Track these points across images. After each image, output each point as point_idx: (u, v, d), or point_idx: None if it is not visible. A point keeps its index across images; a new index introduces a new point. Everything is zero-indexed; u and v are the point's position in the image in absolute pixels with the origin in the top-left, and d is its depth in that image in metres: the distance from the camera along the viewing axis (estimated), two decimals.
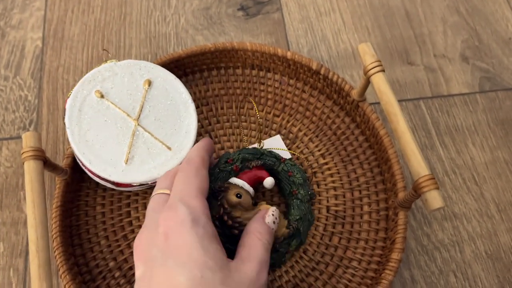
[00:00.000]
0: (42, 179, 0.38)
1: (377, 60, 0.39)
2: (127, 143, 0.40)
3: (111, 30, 0.58)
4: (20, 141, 0.51)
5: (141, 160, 0.40)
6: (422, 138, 0.52)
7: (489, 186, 0.49)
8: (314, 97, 0.51)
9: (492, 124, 0.53)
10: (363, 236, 0.45)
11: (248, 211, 0.40)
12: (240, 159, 0.43)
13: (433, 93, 0.54)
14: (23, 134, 0.39)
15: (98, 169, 0.40)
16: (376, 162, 0.47)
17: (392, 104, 0.37)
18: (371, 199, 0.46)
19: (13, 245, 0.46)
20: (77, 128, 0.40)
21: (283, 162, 0.44)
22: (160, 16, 0.59)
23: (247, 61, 0.51)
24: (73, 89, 0.41)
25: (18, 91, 0.54)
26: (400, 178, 0.43)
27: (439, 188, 0.34)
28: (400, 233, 0.41)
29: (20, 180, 0.49)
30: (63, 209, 0.43)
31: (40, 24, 0.59)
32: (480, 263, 0.46)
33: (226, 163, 0.43)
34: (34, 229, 0.35)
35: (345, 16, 0.59)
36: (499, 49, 0.57)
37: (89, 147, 0.40)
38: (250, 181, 0.42)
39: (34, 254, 0.34)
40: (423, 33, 0.58)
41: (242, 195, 0.40)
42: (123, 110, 0.41)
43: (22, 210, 0.48)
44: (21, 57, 0.56)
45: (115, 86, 0.41)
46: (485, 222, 0.48)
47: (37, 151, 0.38)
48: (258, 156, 0.44)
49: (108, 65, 0.42)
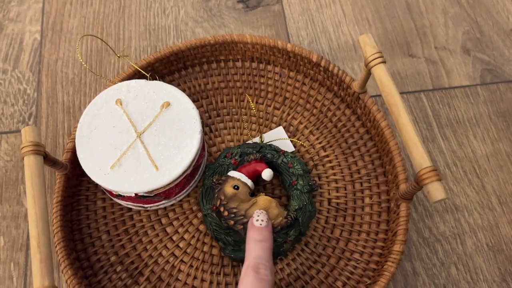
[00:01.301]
0: (42, 174, 0.38)
1: (378, 52, 0.39)
2: (122, 151, 0.41)
3: (110, 23, 0.58)
4: (20, 135, 0.51)
5: (125, 170, 0.40)
6: (423, 131, 0.51)
7: (490, 178, 0.49)
8: (315, 90, 0.51)
9: (493, 116, 0.52)
10: (365, 228, 0.45)
11: (245, 202, 0.41)
12: (239, 153, 0.44)
13: (434, 85, 0.54)
14: (22, 128, 0.39)
15: (86, 166, 0.41)
16: (377, 154, 0.47)
17: (393, 96, 0.37)
18: (373, 191, 0.46)
19: (13, 239, 0.46)
20: (86, 125, 0.42)
21: (282, 154, 0.44)
22: (160, 8, 0.59)
23: (247, 54, 0.51)
24: (102, 92, 0.44)
25: (17, 85, 0.54)
26: (402, 170, 0.43)
27: (441, 180, 0.34)
28: (402, 225, 0.41)
29: (20, 174, 0.49)
30: (63, 204, 0.43)
31: (39, 17, 0.58)
32: (481, 255, 0.46)
33: (225, 157, 0.44)
34: (35, 224, 0.35)
35: (345, 8, 0.59)
36: (500, 40, 0.57)
37: (88, 144, 0.41)
38: (249, 174, 0.42)
39: (35, 249, 0.34)
40: (424, 24, 0.58)
41: (240, 187, 0.41)
42: (132, 122, 0.42)
43: (22, 204, 0.48)
44: (19, 50, 0.56)
45: (137, 99, 0.43)
46: (487, 214, 0.48)
47: (37, 145, 0.38)
48: (257, 149, 0.44)
49: (140, 81, 0.44)
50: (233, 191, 0.41)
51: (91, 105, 0.43)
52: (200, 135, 0.42)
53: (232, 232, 0.41)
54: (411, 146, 0.35)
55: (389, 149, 0.44)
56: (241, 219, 0.40)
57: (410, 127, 0.36)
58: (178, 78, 0.51)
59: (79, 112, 0.52)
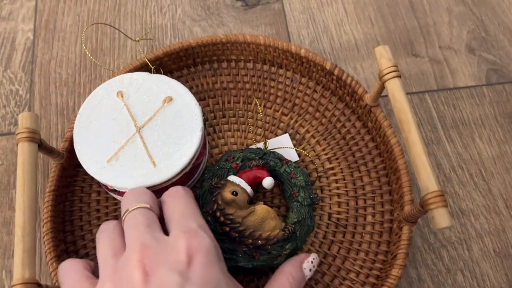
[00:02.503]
0: (35, 162, 0.36)
1: (393, 65, 0.37)
2: (120, 144, 0.40)
3: (105, 21, 0.56)
4: (12, 137, 0.49)
5: (122, 165, 0.39)
6: (428, 133, 0.50)
7: (496, 181, 0.48)
8: (326, 98, 0.49)
9: (500, 117, 0.51)
10: (364, 247, 0.43)
11: (243, 210, 0.39)
12: (241, 157, 0.42)
13: (438, 85, 0.53)
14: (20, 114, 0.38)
15: (82, 158, 0.40)
16: (385, 171, 0.46)
17: (405, 112, 0.36)
18: (376, 209, 0.44)
19: (5, 245, 0.45)
20: (85, 116, 0.41)
21: (286, 163, 0.43)
22: (156, 6, 0.57)
23: (259, 55, 0.49)
24: (104, 83, 0.42)
25: (8, 85, 0.52)
26: (408, 190, 0.41)
27: (447, 206, 0.32)
28: (402, 249, 0.39)
29: (12, 178, 0.47)
30: (56, 193, 0.42)
31: (31, 15, 0.56)
32: (488, 261, 0.45)
33: (226, 160, 0.43)
34: (22, 213, 0.34)
35: (347, 7, 0.58)
36: (506, 40, 0.55)
37: (86, 136, 0.40)
38: (249, 180, 0.41)
39: (19, 239, 0.33)
40: (427, 23, 0.56)
41: (238, 193, 0.39)
42: (132, 115, 0.41)
43: (14, 209, 0.46)
44: (11, 49, 0.54)
45: (139, 92, 0.42)
46: (493, 219, 0.46)
47: (32, 132, 0.37)
48: (260, 155, 0.43)
49: (143, 73, 0.43)
50: (231, 196, 0.39)
51: (91, 96, 0.42)
52: (201, 132, 0.40)
53: (226, 239, 0.40)
54: (419, 167, 0.34)
55: (397, 168, 0.42)
56: (237, 226, 0.39)
57: (420, 146, 0.34)
58: (186, 75, 0.50)
59: (73, 114, 0.50)
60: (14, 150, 0.49)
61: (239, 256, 0.39)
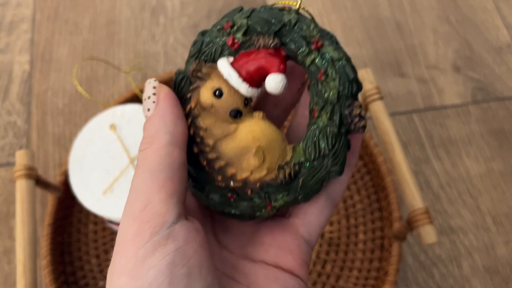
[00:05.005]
0: (33, 199, 0.38)
1: (375, 87, 0.39)
2: (114, 176, 0.41)
3: (100, 51, 0.58)
4: (11, 168, 0.51)
5: (118, 196, 0.40)
6: (416, 152, 0.51)
7: (484, 198, 0.49)
8: None
9: (486, 135, 0.52)
10: (357, 265, 0.44)
11: (223, 125, 0.23)
12: (245, 27, 0.23)
13: (425, 105, 0.54)
14: (17, 152, 0.39)
15: (78, 191, 0.41)
16: (374, 189, 0.47)
17: (388, 134, 0.37)
18: (367, 226, 0.46)
19: (6, 275, 0.46)
20: (79, 150, 0.42)
21: (316, 50, 0.22)
22: (149, 35, 0.59)
23: None
24: (96, 116, 0.44)
25: (7, 117, 0.53)
26: (396, 207, 0.42)
27: (432, 222, 0.33)
28: (393, 264, 0.40)
29: (11, 208, 0.49)
30: (54, 226, 0.43)
31: (28, 47, 0.58)
32: (477, 277, 0.46)
33: (221, 29, 0.23)
34: (22, 249, 0.35)
35: (335, 29, 0.59)
36: (491, 58, 0.57)
37: (80, 169, 0.42)
38: (248, 73, 0.23)
39: (21, 275, 0.34)
40: (414, 44, 0.58)
41: (223, 94, 0.23)
42: (125, 147, 0.42)
43: (14, 239, 0.47)
44: (9, 81, 0.56)
45: (131, 124, 0.44)
46: (482, 236, 0.47)
47: (29, 169, 0.38)
48: (277, 29, 0.23)
49: (134, 105, 0.44)
50: (210, 98, 0.23)
51: (85, 130, 0.43)
52: None
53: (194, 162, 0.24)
54: (404, 186, 0.35)
55: (385, 185, 0.44)
56: (206, 151, 0.23)
57: (404, 166, 0.36)
58: None
59: (69, 143, 0.52)
60: (12, 180, 0.50)
61: (210, 193, 0.24)
